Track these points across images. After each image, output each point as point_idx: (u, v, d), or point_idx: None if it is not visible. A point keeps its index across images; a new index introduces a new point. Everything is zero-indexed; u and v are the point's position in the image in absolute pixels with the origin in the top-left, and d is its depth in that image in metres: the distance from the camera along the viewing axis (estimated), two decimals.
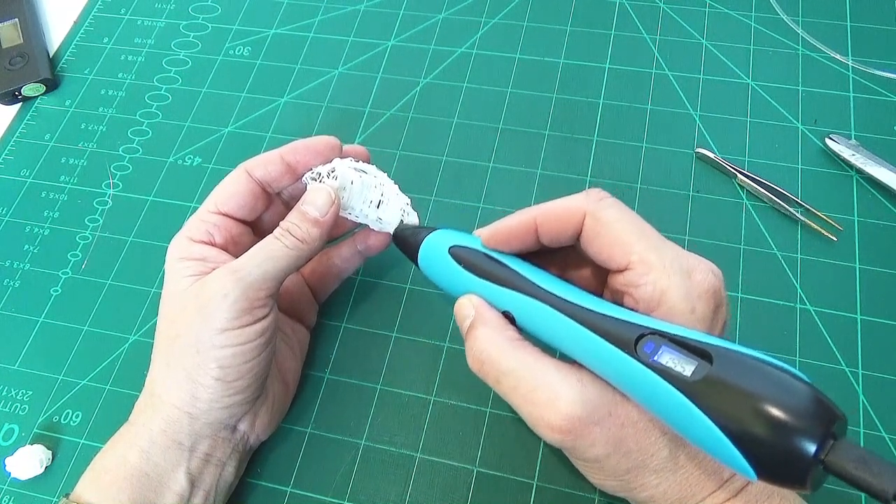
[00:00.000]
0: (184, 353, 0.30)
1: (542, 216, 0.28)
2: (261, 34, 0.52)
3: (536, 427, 0.26)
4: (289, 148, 0.34)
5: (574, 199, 0.27)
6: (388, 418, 0.37)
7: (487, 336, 0.27)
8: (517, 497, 0.34)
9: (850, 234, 0.39)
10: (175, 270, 0.32)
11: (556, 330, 0.26)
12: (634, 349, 0.24)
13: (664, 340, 0.23)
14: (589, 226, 0.27)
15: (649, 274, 0.25)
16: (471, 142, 0.45)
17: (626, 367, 0.24)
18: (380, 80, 0.48)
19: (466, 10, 0.51)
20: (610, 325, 0.25)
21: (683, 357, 0.23)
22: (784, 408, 0.20)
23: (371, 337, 0.39)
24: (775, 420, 0.20)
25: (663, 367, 0.23)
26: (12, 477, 0.36)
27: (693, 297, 0.25)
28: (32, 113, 0.50)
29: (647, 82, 0.46)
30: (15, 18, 0.53)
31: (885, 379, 0.35)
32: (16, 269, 0.44)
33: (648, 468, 0.25)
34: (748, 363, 0.22)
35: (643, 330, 0.24)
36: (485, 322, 0.28)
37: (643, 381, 0.23)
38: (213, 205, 0.33)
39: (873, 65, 0.45)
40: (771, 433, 0.20)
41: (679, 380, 0.22)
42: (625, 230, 0.26)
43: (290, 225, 0.32)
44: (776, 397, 0.20)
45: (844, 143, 0.41)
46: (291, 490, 0.35)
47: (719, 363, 0.22)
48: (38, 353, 0.41)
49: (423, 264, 0.33)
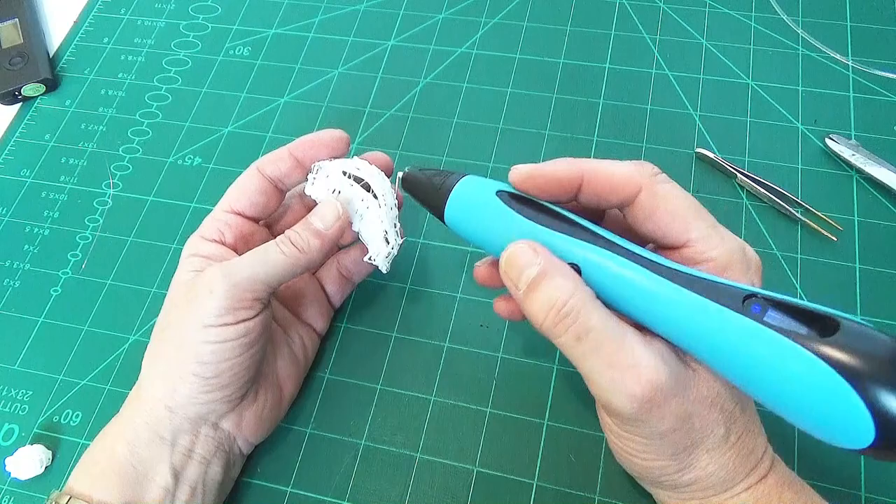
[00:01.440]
0: (168, 346, 0.31)
1: (592, 174, 0.26)
2: (261, 34, 0.52)
3: (613, 394, 0.24)
4: (297, 143, 0.34)
5: (628, 167, 0.26)
6: (388, 418, 0.37)
7: (569, 286, 0.24)
8: (517, 497, 0.34)
9: (850, 234, 0.39)
10: (183, 266, 0.32)
11: (638, 291, 0.24)
12: (742, 308, 0.22)
13: (770, 304, 0.22)
14: (644, 200, 0.26)
15: (710, 251, 0.25)
16: (471, 142, 0.45)
17: (735, 326, 0.22)
18: (380, 80, 0.48)
19: (466, 10, 0.51)
20: (709, 287, 0.23)
21: (792, 321, 0.22)
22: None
23: (371, 337, 0.39)
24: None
25: (776, 326, 0.22)
26: (12, 477, 0.36)
27: (751, 272, 0.25)
28: (32, 113, 0.50)
29: (647, 82, 0.46)
30: (15, 18, 0.53)
31: None
32: (16, 269, 0.44)
33: (703, 446, 0.25)
34: (872, 333, 0.21)
35: (748, 292, 0.23)
36: (561, 271, 0.25)
37: (755, 339, 0.22)
38: (226, 204, 0.34)
39: (873, 65, 0.45)
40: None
41: (799, 336, 0.21)
42: (683, 207, 0.26)
43: (292, 233, 0.32)
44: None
45: (844, 143, 0.41)
46: (291, 490, 0.35)
47: (845, 329, 0.21)
48: (38, 353, 0.41)
49: (454, 214, 0.29)
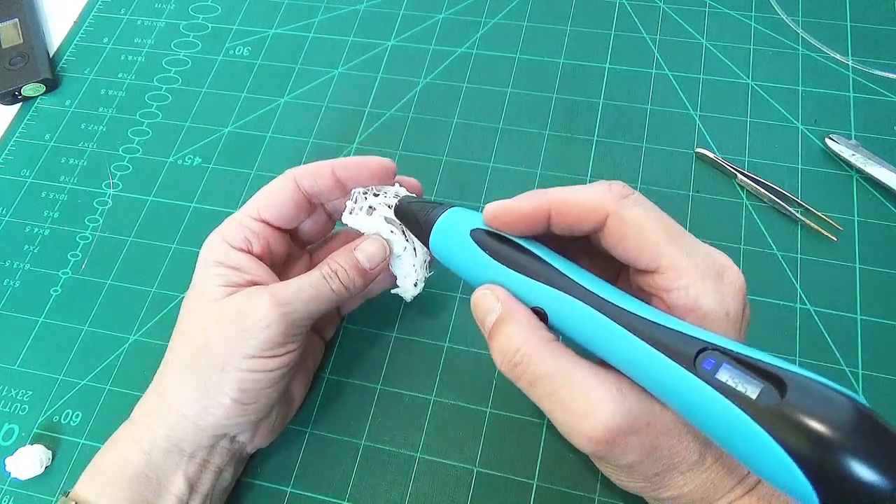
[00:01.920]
0: (207, 367, 0.30)
1: (560, 205, 0.26)
2: (261, 34, 0.52)
3: (571, 436, 0.25)
4: (341, 163, 0.33)
5: (594, 192, 0.26)
6: (388, 418, 0.37)
7: (520, 334, 0.25)
8: (517, 497, 0.34)
9: (850, 234, 0.39)
10: (209, 275, 0.31)
11: (598, 335, 0.24)
12: (693, 364, 0.22)
13: (726, 358, 0.21)
14: (613, 226, 0.25)
15: (681, 279, 0.24)
16: (471, 142, 0.45)
17: (684, 384, 0.22)
18: (380, 80, 0.48)
19: (466, 10, 0.51)
20: (666, 337, 0.23)
21: (746, 377, 0.21)
22: (861, 443, 0.19)
23: (371, 337, 0.39)
24: (854, 454, 0.19)
25: (725, 385, 0.21)
26: (12, 477, 0.36)
27: (727, 300, 0.24)
28: (32, 113, 0.50)
29: (647, 82, 0.46)
30: (15, 18, 0.53)
31: (885, 379, 0.35)
32: (16, 269, 0.44)
33: (678, 470, 0.25)
34: (820, 392, 0.20)
35: (703, 344, 0.22)
36: (516, 318, 0.25)
37: (703, 399, 0.21)
38: (255, 210, 0.33)
39: (873, 65, 0.45)
40: (848, 467, 0.19)
41: (744, 401, 0.20)
42: (652, 230, 0.25)
43: (339, 268, 0.31)
44: (852, 431, 0.20)
45: (844, 143, 0.41)
46: (291, 490, 0.35)
47: (793, 390, 0.20)
48: (38, 353, 0.41)
49: (437, 246, 0.30)
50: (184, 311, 0.32)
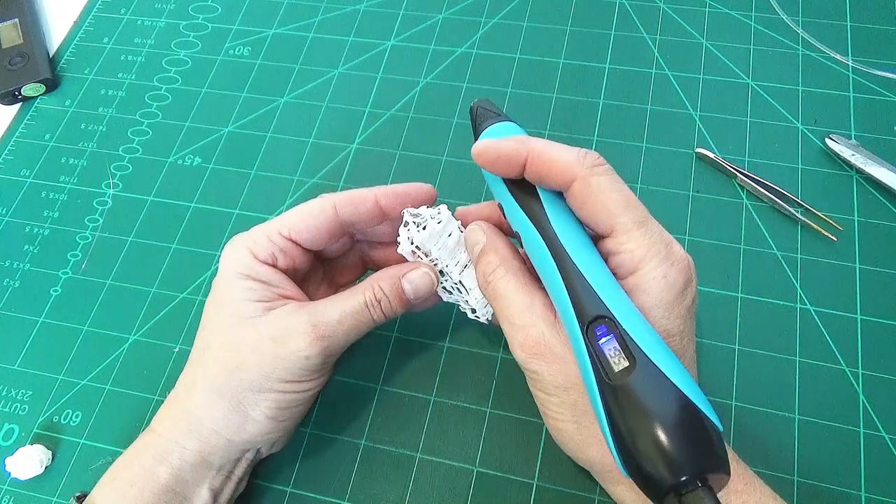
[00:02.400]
0: (241, 387, 0.30)
1: (536, 156, 0.28)
2: (261, 34, 0.52)
3: (511, 345, 0.28)
4: (386, 193, 0.32)
5: (569, 155, 0.27)
6: (388, 418, 0.37)
7: (494, 261, 0.30)
8: (517, 497, 0.34)
9: (850, 234, 0.39)
10: (237, 289, 0.31)
11: (543, 269, 0.28)
12: (587, 326, 0.25)
13: (615, 330, 0.24)
14: (577, 189, 0.27)
15: (628, 243, 0.26)
16: (471, 142, 0.45)
17: (576, 338, 0.25)
18: (380, 80, 0.48)
19: (466, 10, 0.51)
20: (581, 290, 0.26)
21: (622, 354, 0.24)
22: (667, 436, 0.22)
23: (371, 337, 0.39)
24: (654, 442, 0.22)
25: (602, 354, 0.24)
26: (12, 477, 0.36)
27: (667, 263, 0.26)
28: (32, 113, 0.50)
29: (647, 82, 0.46)
30: (15, 18, 0.53)
31: (885, 379, 0.35)
32: (16, 269, 0.44)
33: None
34: (662, 383, 0.23)
35: (605, 311, 0.25)
36: (494, 248, 0.30)
37: (581, 358, 0.25)
38: (286, 228, 0.32)
39: (873, 65, 0.45)
40: (646, 452, 0.22)
41: (606, 371, 0.24)
42: (612, 200, 0.27)
43: (383, 297, 0.31)
44: (667, 424, 0.22)
45: (844, 143, 0.41)
46: (291, 490, 0.35)
47: (639, 370, 0.23)
48: (38, 353, 0.41)
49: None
50: (209, 322, 0.31)
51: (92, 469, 0.37)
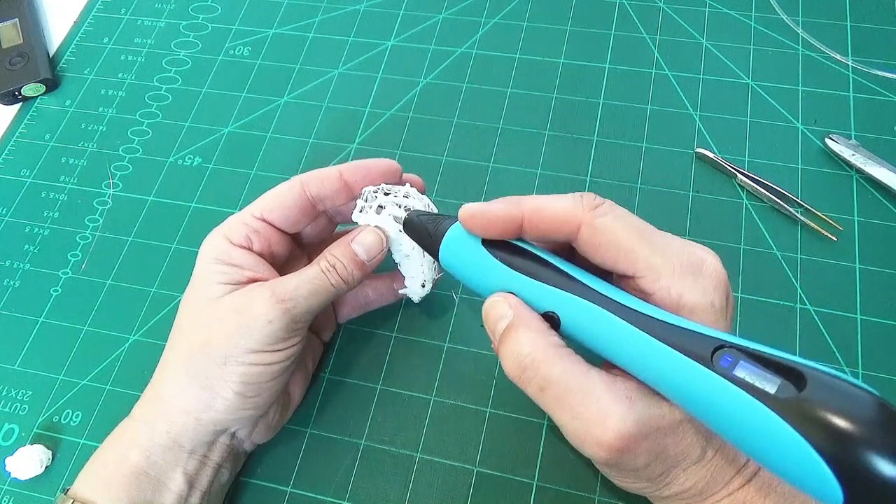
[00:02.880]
0: (208, 363, 0.30)
1: (532, 214, 0.26)
2: (261, 34, 0.52)
3: (582, 443, 0.24)
4: (349, 167, 0.33)
5: (566, 204, 0.26)
6: (388, 418, 0.37)
7: (531, 339, 0.25)
8: (517, 497, 0.34)
9: (850, 234, 0.39)
10: (208, 273, 0.31)
11: (612, 338, 0.24)
12: (711, 362, 0.22)
13: (742, 355, 0.22)
14: (586, 236, 0.26)
15: (660, 280, 0.24)
16: (471, 142, 0.45)
17: (702, 382, 0.22)
18: (380, 80, 0.48)
19: (466, 10, 0.51)
20: (679, 336, 0.23)
21: (763, 373, 0.21)
22: (881, 435, 0.19)
23: (371, 337, 0.39)
24: (878, 449, 0.19)
25: (745, 381, 0.21)
26: (12, 477, 0.36)
27: (710, 291, 0.24)
28: (32, 113, 0.50)
29: (647, 82, 0.46)
30: (15, 18, 0.53)
31: (885, 379, 0.35)
32: (16, 269, 0.44)
33: (680, 467, 0.25)
34: (839, 386, 0.20)
35: (718, 342, 0.22)
36: (526, 324, 0.25)
37: (722, 396, 0.21)
38: (258, 210, 0.33)
39: (873, 65, 0.45)
40: (873, 462, 0.19)
41: (766, 396, 0.20)
42: (626, 238, 0.25)
43: (336, 262, 0.31)
44: (872, 423, 0.19)
45: (844, 143, 0.41)
46: (291, 490, 0.35)
47: (812, 383, 0.20)
48: (38, 353, 0.41)
49: (446, 258, 0.30)
50: (182, 308, 0.32)
51: None
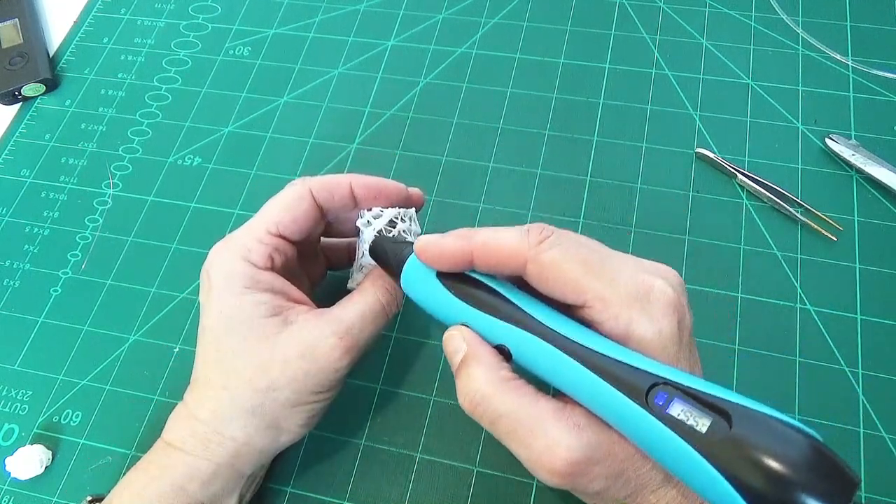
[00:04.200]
0: (275, 406, 0.29)
1: (481, 249, 0.26)
2: (261, 34, 0.52)
3: (535, 472, 0.25)
4: (361, 181, 0.32)
5: (512, 239, 0.26)
6: (388, 418, 0.37)
7: (481, 375, 0.26)
8: (517, 497, 0.34)
9: (850, 234, 0.39)
10: (247, 304, 0.29)
11: (558, 371, 0.25)
12: (646, 400, 0.22)
13: (677, 392, 0.22)
14: (533, 271, 0.26)
15: (607, 310, 0.24)
16: (471, 142, 0.45)
17: (637, 419, 0.23)
18: (380, 80, 0.48)
19: (466, 10, 0.51)
20: (620, 372, 0.23)
21: (697, 410, 0.22)
22: (807, 475, 0.20)
23: None
24: (797, 485, 0.20)
25: (676, 420, 0.22)
26: (12, 477, 0.36)
27: (657, 318, 0.24)
28: (32, 113, 0.50)
29: (647, 82, 0.46)
30: (15, 18, 0.53)
31: (885, 379, 0.35)
32: (16, 269, 0.44)
33: (648, 489, 0.25)
34: (767, 424, 0.21)
35: (655, 379, 0.23)
36: (478, 359, 0.26)
37: (654, 433, 0.22)
38: (273, 225, 0.31)
39: (873, 65, 0.45)
40: (792, 498, 0.20)
41: (693, 435, 0.21)
42: (571, 270, 0.25)
43: (393, 299, 0.32)
44: (799, 463, 0.20)
45: (844, 143, 0.41)
46: (291, 490, 0.35)
47: (738, 422, 0.21)
48: (38, 353, 0.40)
49: (407, 285, 0.30)
50: (228, 346, 0.30)
51: (92, 469, 0.37)
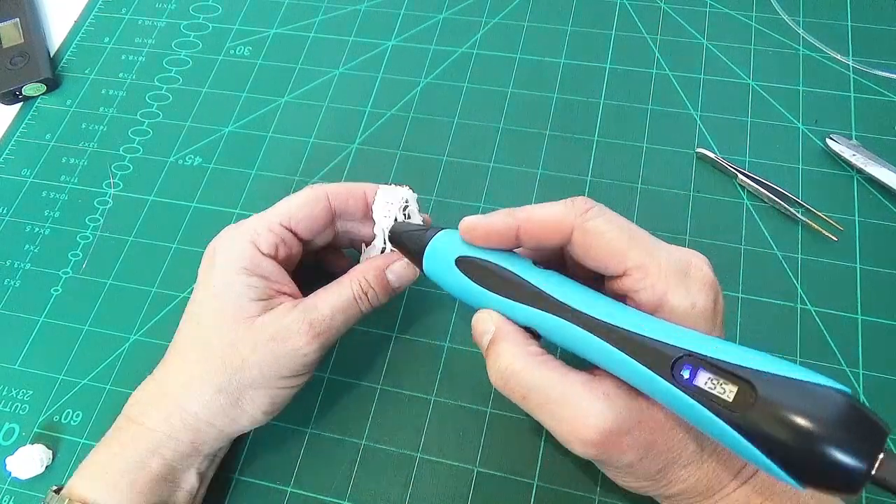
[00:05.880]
0: (241, 386, 0.30)
1: (527, 223, 0.27)
2: (261, 34, 0.52)
3: (568, 443, 0.26)
4: (373, 189, 0.34)
5: (558, 210, 0.27)
6: (388, 418, 0.37)
7: (510, 351, 0.27)
8: (517, 497, 0.34)
9: (850, 234, 0.39)
10: (238, 284, 0.31)
11: (585, 348, 0.26)
12: (671, 373, 0.23)
13: (701, 363, 0.23)
14: (578, 239, 0.26)
15: (646, 278, 0.25)
16: (471, 142, 0.45)
17: (664, 392, 0.23)
18: (380, 80, 0.48)
19: (466, 10, 0.51)
20: (643, 346, 0.24)
21: (723, 380, 0.22)
22: (833, 430, 0.20)
23: (371, 337, 0.39)
24: (826, 442, 0.20)
25: (702, 390, 0.22)
26: (13, 476, 0.36)
27: (693, 292, 0.25)
28: (33, 113, 0.50)
29: (648, 82, 0.46)
30: (16, 18, 0.53)
31: (885, 379, 0.35)
32: (16, 269, 0.44)
33: (678, 464, 0.26)
34: (793, 386, 0.21)
35: (679, 352, 0.23)
36: (506, 338, 0.27)
37: (682, 405, 0.23)
38: (286, 218, 0.32)
39: (873, 65, 0.45)
40: (820, 459, 0.20)
41: (719, 405, 0.22)
42: (615, 239, 0.26)
43: (370, 289, 0.32)
44: (824, 419, 0.20)
45: (845, 143, 0.41)
46: (291, 490, 0.35)
47: (764, 388, 0.21)
48: (38, 352, 0.41)
49: (431, 272, 0.31)
50: (210, 320, 0.31)
51: None
